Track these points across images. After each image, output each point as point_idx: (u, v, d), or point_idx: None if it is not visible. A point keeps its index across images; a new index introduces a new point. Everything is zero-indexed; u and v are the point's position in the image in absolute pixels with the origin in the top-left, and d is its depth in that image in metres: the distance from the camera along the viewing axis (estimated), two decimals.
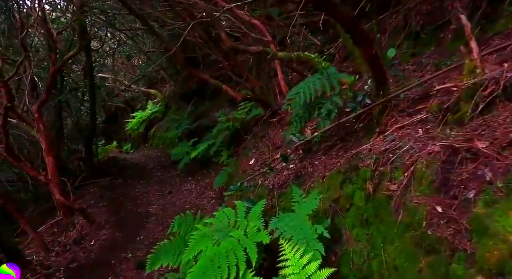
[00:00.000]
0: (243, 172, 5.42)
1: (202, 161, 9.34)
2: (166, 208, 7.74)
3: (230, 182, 7.02)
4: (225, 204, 5.38)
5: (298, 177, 4.06)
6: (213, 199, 7.70)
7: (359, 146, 3.65)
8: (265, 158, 5.18)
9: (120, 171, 10.58)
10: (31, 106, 7.31)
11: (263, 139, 6.44)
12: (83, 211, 6.57)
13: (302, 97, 3.97)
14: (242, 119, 8.34)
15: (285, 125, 5.99)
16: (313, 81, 4.07)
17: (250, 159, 5.85)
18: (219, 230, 3.44)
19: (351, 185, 3.13)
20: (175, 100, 13.54)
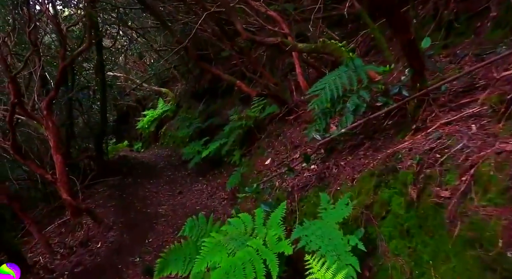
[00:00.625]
0: (258, 173, 4.98)
1: (213, 161, 8.92)
2: (176, 209, 7.33)
3: (244, 183, 6.59)
4: (238, 207, 4.95)
5: (321, 179, 3.61)
6: (225, 200, 7.27)
7: (392, 145, 3.19)
8: (283, 158, 4.73)
9: (130, 170, 10.21)
10: (40, 103, 6.96)
11: (279, 138, 5.99)
12: (91, 211, 6.19)
13: (328, 92, 3.51)
14: (255, 117, 7.90)
15: (303, 122, 5.54)
16: (338, 75, 3.61)
17: (265, 159, 5.41)
18: (234, 238, 3.00)
19: (387, 189, 2.66)
20: (187, 99, 13.16)
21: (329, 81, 3.59)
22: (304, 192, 3.67)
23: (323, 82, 3.66)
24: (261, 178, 4.62)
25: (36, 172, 6.55)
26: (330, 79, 3.61)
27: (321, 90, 3.60)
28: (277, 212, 3.07)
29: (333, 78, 3.59)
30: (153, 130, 13.97)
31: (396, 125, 3.58)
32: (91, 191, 8.34)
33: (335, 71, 3.75)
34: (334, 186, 3.33)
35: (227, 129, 8.35)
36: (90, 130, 10.70)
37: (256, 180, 4.84)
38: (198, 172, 9.21)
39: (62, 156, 6.85)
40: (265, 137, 7.32)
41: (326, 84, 3.59)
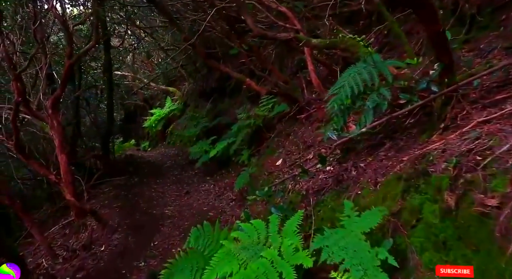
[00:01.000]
0: (269, 174, 4.69)
1: (221, 161, 8.64)
2: (183, 210, 7.06)
3: (253, 184, 6.30)
4: (248, 210, 4.66)
5: (339, 182, 3.31)
6: (233, 201, 6.98)
7: (417, 145, 2.89)
8: (295, 158, 4.44)
9: (137, 169, 9.97)
10: (45, 102, 6.72)
11: (290, 138, 5.69)
12: (95, 213, 5.94)
13: (347, 89, 3.21)
14: (264, 116, 7.61)
15: (316, 121, 5.24)
16: (357, 71, 3.31)
17: (276, 159, 5.12)
18: (246, 247, 2.71)
19: (417, 195, 2.36)
20: (194, 98, 12.90)
21: (348, 78, 3.29)
22: (320, 195, 3.37)
23: (342, 79, 3.36)
24: (272, 180, 4.33)
25: (39, 172, 6.30)
26: (349, 76, 3.31)
27: (340, 88, 3.30)
28: (293, 219, 2.78)
29: (353, 74, 3.29)
30: (160, 129, 13.73)
31: (418, 124, 3.28)
32: (97, 191, 8.10)
33: (354, 67, 3.45)
34: (354, 190, 3.03)
35: (235, 128, 8.07)
36: (97, 129, 10.47)
37: (267, 181, 4.55)
38: (206, 172, 8.94)
39: (67, 156, 6.61)
40: (274, 136, 7.04)
41: (345, 81, 3.29)
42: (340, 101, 3.26)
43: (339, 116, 3.44)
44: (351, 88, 3.20)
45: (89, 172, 8.97)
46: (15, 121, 5.40)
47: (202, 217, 6.56)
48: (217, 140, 9.20)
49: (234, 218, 6.09)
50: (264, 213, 4.18)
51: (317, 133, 4.59)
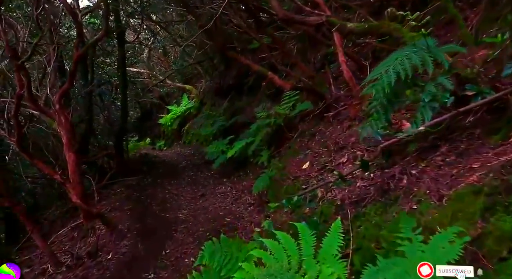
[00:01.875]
0: (294, 179, 4.09)
1: (238, 161, 8.10)
2: (197, 214, 6.53)
3: (274, 188, 5.73)
4: (270, 219, 4.09)
5: (384, 192, 2.70)
6: (251, 205, 6.42)
7: (489, 149, 2.27)
8: (325, 161, 3.84)
9: (150, 169, 9.51)
10: (53, 97, 6.30)
11: (316, 138, 5.10)
12: (102, 216, 5.46)
13: (392, 75, 2.60)
14: (285, 115, 7.02)
15: (346, 120, 4.64)
16: (406, 55, 2.69)
17: (301, 162, 4.53)
18: (274, 275, 2.13)
19: (508, 216, 1.74)
20: (210, 96, 12.40)
21: (394, 63, 2.68)
22: (360, 207, 2.77)
23: (385, 64, 2.76)
24: (298, 186, 3.75)
25: (44, 172, 5.87)
26: (395, 60, 2.70)
27: (381, 74, 2.69)
28: (333, 239, 2.18)
29: (400, 58, 2.68)
30: (176, 128, 13.28)
31: (482, 122, 2.65)
32: (108, 191, 7.66)
33: (401, 51, 2.83)
34: (406, 203, 2.42)
35: (254, 128, 7.50)
36: (110, 126, 10.06)
37: (292, 187, 3.98)
38: (222, 173, 8.41)
39: (75, 154, 6.17)
40: (297, 136, 6.45)
41: (390, 66, 2.69)
42: (381, 88, 2.64)
43: (380, 112, 2.83)
44: (397, 73, 2.60)
45: (101, 171, 8.56)
46: (17, 116, 4.98)
47: (218, 223, 6.04)
48: (234, 139, 8.67)
49: (253, 225, 5.53)
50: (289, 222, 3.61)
51: (350, 133, 3.98)
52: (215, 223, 6.01)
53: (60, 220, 7.20)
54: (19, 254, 6.43)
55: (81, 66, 8.83)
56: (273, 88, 8.92)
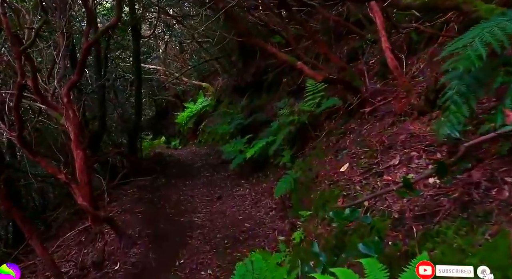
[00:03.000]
0: (332, 184, 3.42)
1: (257, 162, 7.48)
2: (214, 218, 5.93)
3: (300, 192, 5.10)
4: (302, 230, 3.45)
5: (465, 205, 2.03)
6: (273, 210, 5.80)
7: None
8: (369, 164, 3.17)
9: (164, 169, 8.97)
10: (62, 89, 5.79)
11: (350, 136, 4.44)
12: (111, 220, 4.89)
13: (479, 48, 1.94)
14: (310, 112, 6.38)
15: (388, 116, 3.97)
16: (497, 24, 2.03)
17: (338, 163, 3.87)
18: None
19: None
20: (228, 94, 11.82)
21: (481, 32, 2.01)
22: (431, 224, 2.10)
23: (468, 36, 2.10)
24: (338, 192, 3.10)
25: (47, 170, 5.35)
26: (482, 30, 2.04)
27: (465, 47, 2.03)
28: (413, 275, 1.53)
29: (489, 28, 2.02)
30: (191, 127, 12.76)
31: None
32: (119, 192, 7.11)
33: (487, 22, 2.17)
34: (503, 221, 1.75)
35: (275, 126, 6.88)
36: (124, 124, 9.55)
37: (329, 193, 3.31)
38: (240, 174, 7.81)
39: (84, 152, 5.64)
40: (325, 135, 5.80)
41: (475, 37, 2.03)
42: (467, 63, 1.98)
43: (458, 102, 2.16)
44: (486, 45, 1.94)
45: (112, 170, 8.04)
46: (17, 108, 4.45)
47: (236, 229, 5.43)
48: (252, 138, 8.07)
49: (276, 233, 4.91)
50: (327, 237, 2.97)
51: (398, 130, 3.31)
52: (234, 229, 5.40)
53: (68, 222, 6.69)
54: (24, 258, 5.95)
55: (95, 60, 8.37)
56: (294, 85, 8.29)
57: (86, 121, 7.99)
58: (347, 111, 5.37)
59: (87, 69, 8.88)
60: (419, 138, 2.98)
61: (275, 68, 9.59)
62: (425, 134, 2.96)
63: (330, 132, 5.70)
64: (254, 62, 10.66)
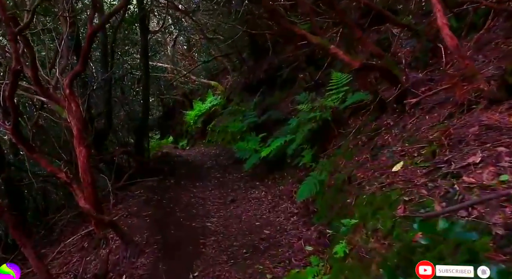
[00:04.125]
0: (384, 187, 2.77)
1: (272, 162, 6.85)
2: (229, 224, 5.29)
3: (328, 196, 4.46)
4: (345, 242, 2.80)
5: None
6: (294, 215, 5.15)
7: None
8: (435, 162, 2.51)
9: (173, 169, 8.33)
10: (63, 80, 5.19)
11: (392, 133, 3.78)
12: (116, 226, 4.25)
13: None
14: (333, 108, 5.75)
15: (438, 107, 3.33)
16: None
17: (383, 163, 3.22)
18: None
19: None
20: (238, 92, 11.19)
21: None
22: None
23: None
24: (395, 197, 2.45)
25: (47, 169, 4.74)
26: None
27: None
28: None
29: None
30: (200, 126, 12.13)
31: None
32: (125, 193, 6.50)
33: None
34: None
35: (294, 123, 6.24)
36: (131, 122, 8.94)
37: (382, 198, 2.66)
38: (254, 175, 7.17)
39: (88, 149, 5.03)
40: (351, 133, 5.16)
41: None
42: None
43: None
44: None
45: (118, 170, 7.41)
46: (12, 97, 3.85)
47: (255, 236, 4.78)
48: (267, 137, 7.45)
49: (302, 242, 4.26)
50: (385, 254, 2.32)
51: (468, 121, 2.66)
52: (252, 236, 4.76)
53: (71, 225, 6.08)
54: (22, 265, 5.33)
55: (101, 54, 7.81)
56: (312, 80, 7.66)
57: (91, 118, 7.40)
58: (378, 106, 4.73)
59: (93, 63, 8.32)
60: (500, 131, 2.34)
61: (290, 64, 8.98)
62: (509, 126, 2.32)
63: (358, 129, 5.07)
64: (266, 59, 10.05)
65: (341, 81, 5.73)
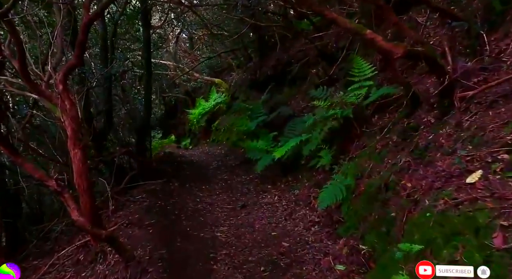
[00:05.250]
0: (456, 207, 2.09)
1: (284, 163, 6.22)
2: (241, 234, 4.63)
3: (358, 204, 3.80)
4: (405, 273, 2.13)
5: None
6: (315, 224, 4.48)
7: None
8: None
9: (177, 171, 7.66)
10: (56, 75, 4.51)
11: (441, 132, 3.12)
12: (115, 242, 3.57)
13: None
14: (355, 104, 5.09)
15: (494, 102, 2.68)
16: None
17: (446, 168, 2.54)
18: None
19: None
20: (244, 89, 10.51)
21: None
22: None
23: None
24: (483, 219, 1.79)
25: (34, 176, 4.05)
26: None
27: None
28: None
29: None
30: (203, 125, 11.44)
31: None
32: (126, 198, 5.81)
33: None
34: None
35: (310, 121, 5.56)
36: (132, 121, 8.25)
37: (454, 221, 2.00)
38: (264, 178, 6.51)
39: (83, 151, 4.33)
40: (377, 131, 4.52)
41: None
42: None
43: None
44: None
45: (119, 172, 6.72)
46: None
47: (272, 249, 4.12)
48: (278, 136, 6.80)
49: (330, 259, 3.58)
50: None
51: None
52: (269, 250, 4.10)
53: (67, 233, 5.41)
54: None
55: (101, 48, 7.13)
56: (326, 76, 6.99)
57: (90, 117, 6.72)
58: (411, 101, 4.08)
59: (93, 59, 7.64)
60: None
61: (299, 59, 8.31)
62: None
63: (386, 127, 4.42)
64: (274, 54, 9.39)
65: (365, 74, 5.08)
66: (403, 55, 3.00)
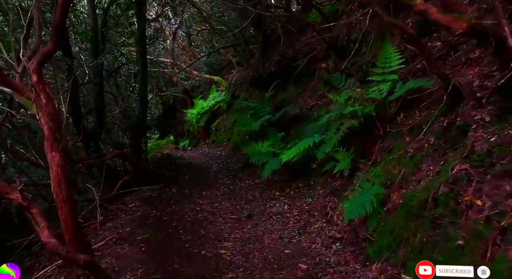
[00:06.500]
0: None
1: (293, 167, 5.47)
2: (249, 251, 3.86)
3: (392, 221, 3.05)
4: None
5: None
6: (336, 241, 3.72)
7: None
8: None
9: (175, 175, 6.89)
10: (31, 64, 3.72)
11: (503, 134, 2.38)
12: (96, 270, 2.78)
13: None
14: (378, 100, 4.33)
15: None
16: None
17: None
18: None
19: None
20: (245, 87, 9.74)
21: None
22: None
23: None
24: None
25: None
26: None
27: None
28: None
29: None
30: (203, 125, 10.66)
31: None
32: (118, 207, 5.05)
33: None
34: None
35: (325, 120, 4.76)
36: (126, 120, 7.45)
37: None
38: (271, 183, 5.76)
39: (62, 154, 3.54)
40: (411, 132, 3.78)
41: None
42: None
43: None
44: None
45: (111, 176, 5.95)
46: None
47: (288, 273, 3.34)
48: (285, 137, 6.06)
49: None
50: None
51: None
52: (284, 274, 3.32)
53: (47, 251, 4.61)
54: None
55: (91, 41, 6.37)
56: (337, 70, 6.25)
57: (79, 116, 5.95)
58: (450, 96, 3.33)
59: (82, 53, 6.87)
60: None
61: (306, 54, 7.56)
62: None
63: (418, 127, 3.69)
64: (277, 49, 8.63)
65: (390, 66, 4.33)
66: (466, 31, 2.25)
